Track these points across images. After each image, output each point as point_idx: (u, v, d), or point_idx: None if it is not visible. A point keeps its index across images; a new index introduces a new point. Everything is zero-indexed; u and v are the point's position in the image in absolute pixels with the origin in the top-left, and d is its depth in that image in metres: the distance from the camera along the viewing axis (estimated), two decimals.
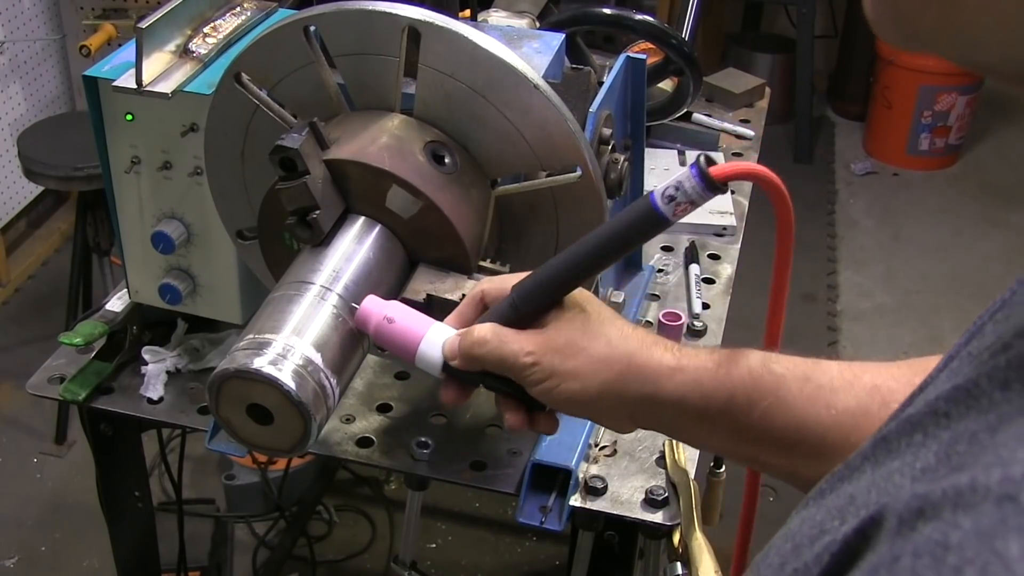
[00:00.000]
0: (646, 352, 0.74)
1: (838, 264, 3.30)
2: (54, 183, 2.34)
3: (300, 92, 0.96)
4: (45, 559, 2.29)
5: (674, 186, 0.69)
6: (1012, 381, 0.38)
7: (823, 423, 0.71)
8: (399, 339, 0.79)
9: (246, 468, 2.20)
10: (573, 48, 1.37)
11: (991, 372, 0.39)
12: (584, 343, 0.74)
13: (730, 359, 0.73)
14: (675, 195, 0.69)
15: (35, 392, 1.20)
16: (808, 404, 0.71)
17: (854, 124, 4.07)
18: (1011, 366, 0.39)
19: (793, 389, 0.71)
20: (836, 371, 0.73)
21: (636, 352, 0.74)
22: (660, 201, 0.69)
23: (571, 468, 1.04)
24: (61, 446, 2.54)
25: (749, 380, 0.72)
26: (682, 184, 0.68)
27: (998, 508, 0.33)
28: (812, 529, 0.42)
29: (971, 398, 0.39)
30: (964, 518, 0.34)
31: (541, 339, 0.75)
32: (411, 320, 0.80)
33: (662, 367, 0.73)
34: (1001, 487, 0.34)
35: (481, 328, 0.76)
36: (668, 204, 0.69)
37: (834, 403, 0.71)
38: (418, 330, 0.79)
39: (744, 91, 1.82)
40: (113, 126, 1.11)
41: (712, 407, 0.72)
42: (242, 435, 0.83)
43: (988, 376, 0.39)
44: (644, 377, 0.73)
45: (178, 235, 1.13)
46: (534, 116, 0.91)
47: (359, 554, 2.30)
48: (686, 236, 1.46)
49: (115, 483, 1.34)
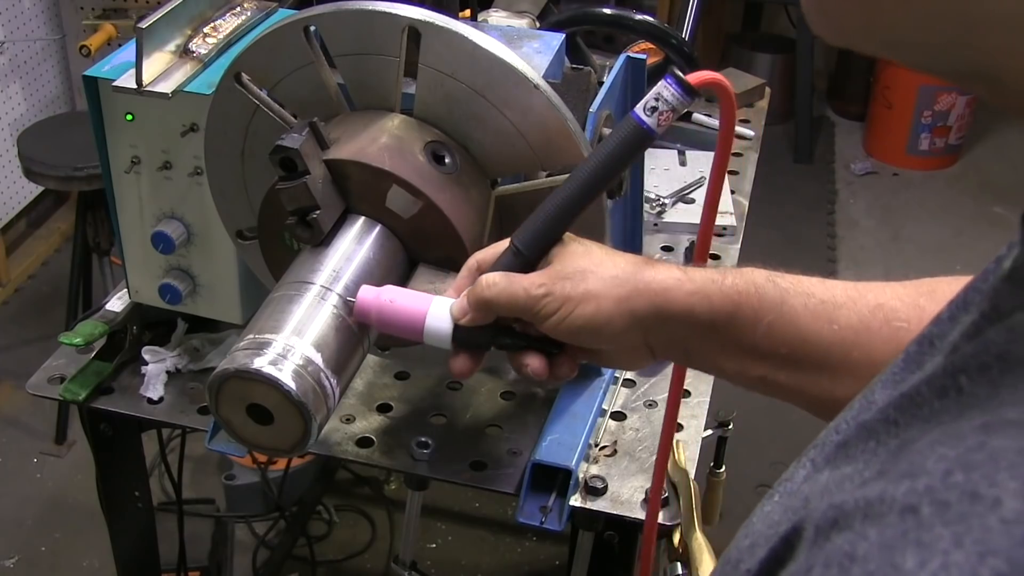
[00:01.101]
0: (654, 268, 0.76)
1: (838, 264, 3.30)
2: (54, 183, 2.34)
3: (300, 92, 0.96)
4: (45, 559, 2.29)
5: (653, 97, 0.72)
6: (948, 389, 0.38)
7: (826, 339, 0.71)
8: (404, 319, 0.80)
9: (246, 468, 2.20)
10: (573, 48, 1.37)
11: (930, 379, 0.39)
12: (593, 267, 0.76)
13: (736, 274, 0.74)
14: (656, 105, 0.71)
15: (35, 392, 1.20)
16: (812, 319, 0.72)
17: (854, 124, 4.07)
18: (947, 373, 0.38)
19: (797, 304, 0.72)
20: (840, 288, 0.74)
21: (645, 269, 0.75)
22: (644, 114, 0.71)
23: (571, 468, 1.04)
24: (61, 446, 2.54)
25: (754, 293, 0.73)
26: (661, 94, 0.71)
27: (901, 520, 0.33)
28: (768, 528, 0.42)
29: (915, 406, 0.39)
30: (871, 529, 0.34)
31: (550, 271, 0.76)
32: (412, 298, 0.80)
33: (670, 279, 0.74)
34: (906, 498, 0.33)
35: (489, 274, 0.77)
36: (651, 116, 0.72)
37: (837, 319, 0.72)
38: (421, 306, 0.79)
39: (744, 91, 1.82)
40: (113, 126, 1.11)
41: (719, 320, 0.73)
42: (242, 435, 0.83)
43: (928, 383, 0.39)
44: (654, 291, 0.74)
45: (178, 235, 1.13)
46: (534, 116, 0.91)
47: (359, 554, 2.30)
48: (686, 236, 1.46)
49: (115, 483, 1.34)
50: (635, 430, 1.14)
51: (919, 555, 0.31)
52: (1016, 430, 0.32)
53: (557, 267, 0.77)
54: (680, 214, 1.49)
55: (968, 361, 0.38)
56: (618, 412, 1.16)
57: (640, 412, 1.16)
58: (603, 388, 1.15)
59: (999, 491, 0.31)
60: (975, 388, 0.36)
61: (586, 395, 1.13)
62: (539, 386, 1.17)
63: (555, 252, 0.78)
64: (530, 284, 0.75)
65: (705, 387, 1.20)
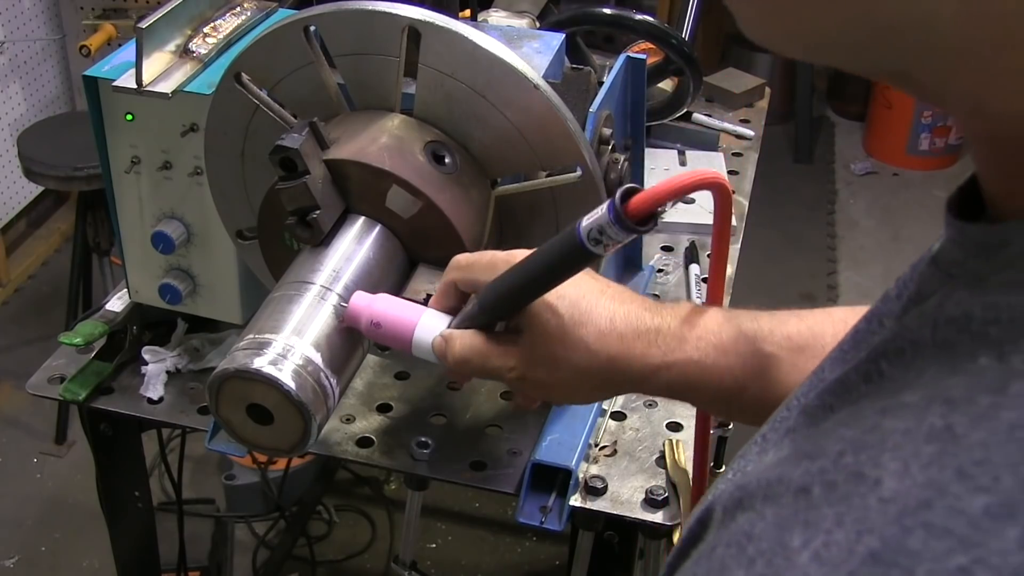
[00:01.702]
0: (627, 354, 0.73)
1: (838, 264, 3.30)
2: (54, 183, 2.34)
3: (300, 92, 0.96)
4: (45, 559, 2.29)
5: (598, 230, 0.67)
6: (872, 374, 0.38)
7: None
8: (391, 335, 0.81)
9: (246, 468, 2.20)
10: (573, 48, 1.37)
11: (857, 364, 0.39)
12: (564, 353, 0.74)
13: (717, 349, 0.72)
14: (601, 239, 0.67)
15: (35, 392, 1.20)
16: (802, 376, 0.72)
17: (854, 124, 4.07)
18: (870, 358, 0.38)
19: (785, 366, 0.72)
20: (831, 335, 0.72)
21: (617, 356, 0.73)
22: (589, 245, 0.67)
23: (571, 468, 1.04)
24: (61, 446, 2.54)
25: (738, 367, 0.72)
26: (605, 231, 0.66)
27: (795, 500, 0.33)
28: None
29: (845, 391, 0.39)
30: (768, 509, 0.34)
31: (521, 353, 0.76)
32: (400, 311, 0.81)
33: (646, 369, 0.73)
34: (801, 479, 0.34)
35: (461, 345, 0.78)
36: (597, 247, 0.67)
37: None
38: (408, 321, 0.80)
39: (744, 91, 1.82)
40: (113, 126, 1.11)
41: (703, 395, 0.74)
42: (242, 435, 0.83)
43: (855, 368, 0.39)
44: (630, 380, 0.74)
45: (178, 235, 1.13)
46: (534, 116, 0.91)
47: (359, 554, 2.30)
48: (686, 236, 1.46)
49: (115, 483, 1.34)
50: (635, 430, 1.14)
51: (805, 534, 0.32)
52: (909, 412, 0.33)
53: (529, 347, 0.76)
54: (680, 214, 1.49)
55: (887, 345, 0.38)
56: (618, 412, 1.16)
57: (640, 412, 1.16)
58: None
59: (881, 471, 0.31)
60: (893, 372, 0.37)
61: None
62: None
63: (525, 320, 0.76)
64: (503, 366, 0.76)
65: None
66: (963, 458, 0.29)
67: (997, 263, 0.34)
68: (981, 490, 0.28)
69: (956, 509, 0.29)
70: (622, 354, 0.73)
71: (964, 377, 0.32)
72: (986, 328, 0.33)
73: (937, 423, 0.31)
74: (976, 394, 0.31)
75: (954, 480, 0.29)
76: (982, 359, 0.32)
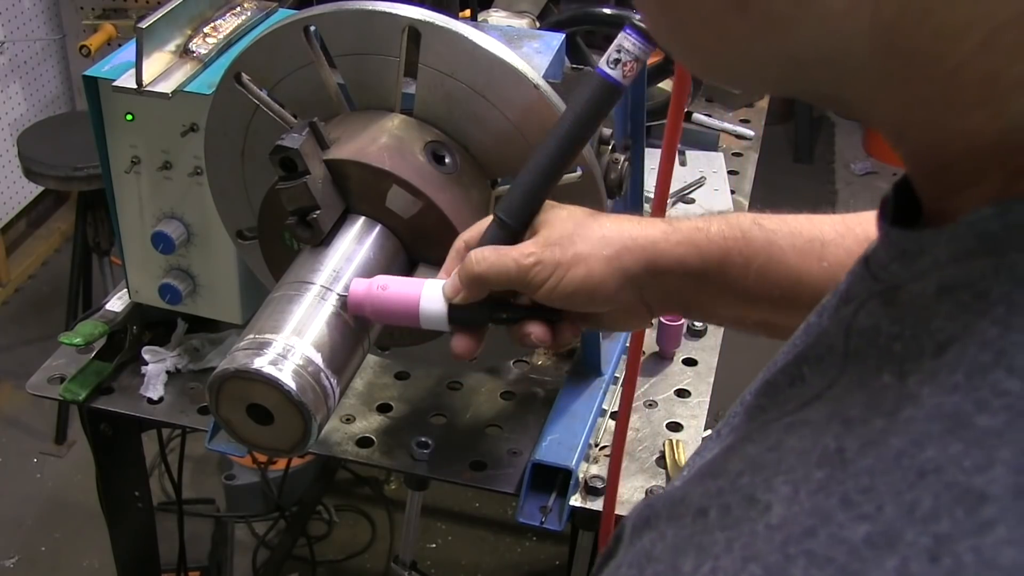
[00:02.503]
0: (640, 225, 0.75)
1: None
2: (54, 183, 2.35)
3: (300, 92, 0.96)
4: (45, 559, 2.29)
5: (615, 49, 0.73)
6: (795, 378, 0.38)
7: (816, 277, 0.71)
8: (398, 305, 0.80)
9: (246, 468, 2.20)
10: (573, 48, 1.37)
11: (785, 366, 0.39)
12: (580, 231, 0.75)
13: (721, 220, 0.74)
14: (619, 56, 0.72)
15: (35, 392, 1.20)
16: (800, 259, 0.72)
17: (854, 124, 4.06)
18: (795, 361, 0.38)
19: (784, 244, 0.72)
20: (828, 225, 0.73)
21: (631, 228, 0.75)
22: (608, 68, 0.72)
23: (571, 468, 1.04)
24: (61, 446, 2.54)
25: (741, 238, 0.72)
26: (622, 45, 0.72)
27: (693, 522, 0.33)
28: None
29: (774, 391, 0.39)
30: (670, 530, 0.34)
31: (538, 239, 0.76)
32: (403, 284, 0.80)
33: (656, 232, 0.74)
34: (700, 500, 0.34)
35: (477, 249, 0.77)
36: (616, 68, 0.72)
37: (825, 256, 0.71)
38: (413, 291, 0.79)
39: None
40: (113, 126, 1.11)
41: (710, 268, 0.73)
42: (242, 435, 0.83)
43: (783, 370, 0.39)
44: (641, 246, 0.74)
45: (178, 235, 1.13)
46: (534, 116, 0.91)
47: (359, 554, 2.30)
48: None
49: (115, 483, 1.34)
50: (635, 430, 1.14)
51: (697, 559, 0.32)
52: (809, 431, 0.32)
53: (544, 234, 0.76)
54: (680, 214, 1.49)
55: (810, 350, 0.38)
56: (618, 412, 1.16)
57: (640, 412, 1.16)
58: (603, 388, 1.15)
59: (771, 496, 0.31)
60: (812, 378, 0.36)
61: (586, 395, 1.13)
62: (543, 376, 1.17)
63: (540, 220, 0.78)
64: (519, 254, 0.75)
65: (705, 387, 1.20)
66: (849, 485, 0.29)
67: (914, 271, 0.34)
68: (864, 518, 0.28)
69: (838, 538, 0.28)
70: (634, 227, 0.75)
71: (866, 394, 0.32)
72: (891, 343, 0.32)
73: (831, 445, 0.31)
74: (872, 416, 0.31)
75: (839, 508, 0.29)
76: (886, 376, 0.31)
